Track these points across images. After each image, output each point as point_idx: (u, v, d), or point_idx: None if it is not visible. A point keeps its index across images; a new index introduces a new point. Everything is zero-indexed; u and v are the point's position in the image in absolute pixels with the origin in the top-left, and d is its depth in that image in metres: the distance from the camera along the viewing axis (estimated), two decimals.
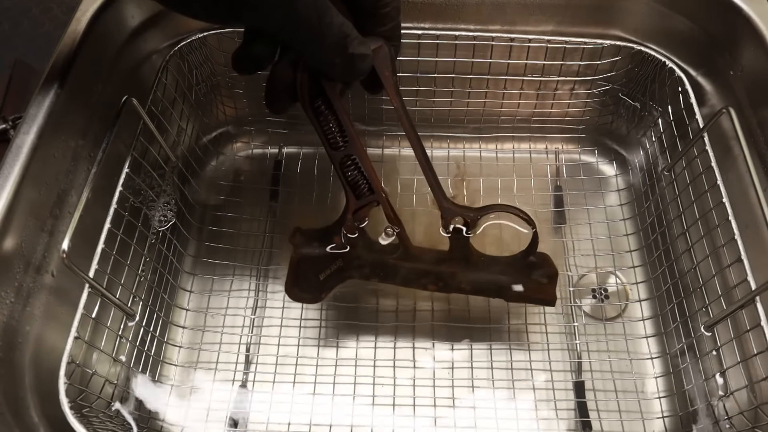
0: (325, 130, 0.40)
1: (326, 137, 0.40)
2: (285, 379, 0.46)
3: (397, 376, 0.46)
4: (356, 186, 0.42)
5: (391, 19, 0.36)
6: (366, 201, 0.42)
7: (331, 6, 0.32)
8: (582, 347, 0.48)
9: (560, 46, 0.50)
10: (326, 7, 0.31)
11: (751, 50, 0.45)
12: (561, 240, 0.53)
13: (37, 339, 0.39)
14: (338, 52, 0.33)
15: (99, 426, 0.38)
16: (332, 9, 0.32)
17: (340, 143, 0.40)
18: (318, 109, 0.39)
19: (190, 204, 0.53)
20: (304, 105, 0.38)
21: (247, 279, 0.51)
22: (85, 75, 0.44)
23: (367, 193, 0.42)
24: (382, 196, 0.42)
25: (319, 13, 0.31)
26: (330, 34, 0.32)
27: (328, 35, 0.32)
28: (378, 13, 0.35)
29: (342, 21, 0.32)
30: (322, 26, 0.31)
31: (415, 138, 0.42)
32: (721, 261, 0.44)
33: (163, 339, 0.47)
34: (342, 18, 0.32)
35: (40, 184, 0.40)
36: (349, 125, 0.40)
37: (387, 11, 0.35)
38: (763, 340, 0.38)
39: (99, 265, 0.39)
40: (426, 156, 0.42)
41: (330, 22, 0.32)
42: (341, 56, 0.33)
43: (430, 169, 0.42)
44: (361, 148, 0.41)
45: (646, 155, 0.54)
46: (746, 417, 0.40)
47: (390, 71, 0.38)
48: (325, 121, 0.40)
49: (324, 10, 0.31)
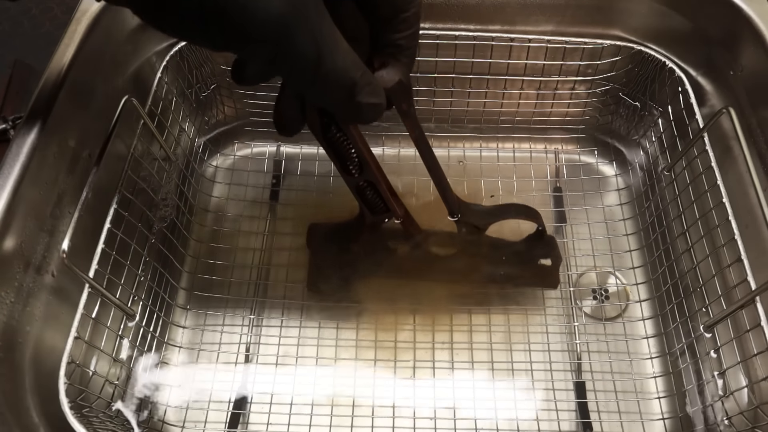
0: (340, 157, 0.37)
1: (341, 165, 0.37)
2: (285, 380, 0.46)
3: (397, 375, 0.46)
4: (373, 206, 0.40)
5: (410, 25, 0.32)
6: (383, 218, 0.41)
7: (338, 40, 0.27)
8: (582, 347, 0.48)
9: (560, 46, 0.50)
10: (330, 43, 0.26)
11: (751, 50, 0.45)
12: (561, 240, 0.53)
13: (37, 339, 0.39)
14: (344, 101, 0.29)
15: (99, 426, 0.38)
16: (338, 45, 0.27)
17: (355, 170, 0.38)
18: (331, 138, 0.35)
19: (190, 204, 0.53)
20: (316, 135, 0.35)
21: (247, 279, 0.51)
22: (85, 75, 0.44)
23: (384, 210, 0.41)
24: (401, 219, 0.41)
25: (321, 51, 0.26)
26: (334, 80, 0.27)
27: (332, 81, 0.27)
28: (397, 19, 0.31)
29: (348, 64, 0.27)
30: (323, 69, 0.26)
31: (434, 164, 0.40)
32: (721, 261, 0.44)
33: (163, 339, 0.47)
34: (348, 58, 0.27)
35: (40, 184, 0.40)
36: (365, 151, 0.37)
37: (406, 17, 0.31)
38: (763, 340, 0.38)
39: (99, 265, 0.39)
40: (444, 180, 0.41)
41: (334, 66, 0.27)
42: (347, 105, 0.29)
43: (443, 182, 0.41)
44: (378, 173, 0.38)
45: (646, 155, 0.54)
46: (746, 417, 0.39)
47: (408, 104, 0.35)
48: (340, 148, 0.36)
49: (327, 48, 0.26)
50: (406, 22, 0.31)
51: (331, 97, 0.29)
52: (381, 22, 0.31)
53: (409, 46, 0.33)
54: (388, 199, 0.40)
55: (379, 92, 0.30)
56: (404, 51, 0.33)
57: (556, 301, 0.49)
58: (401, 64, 0.33)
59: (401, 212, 0.41)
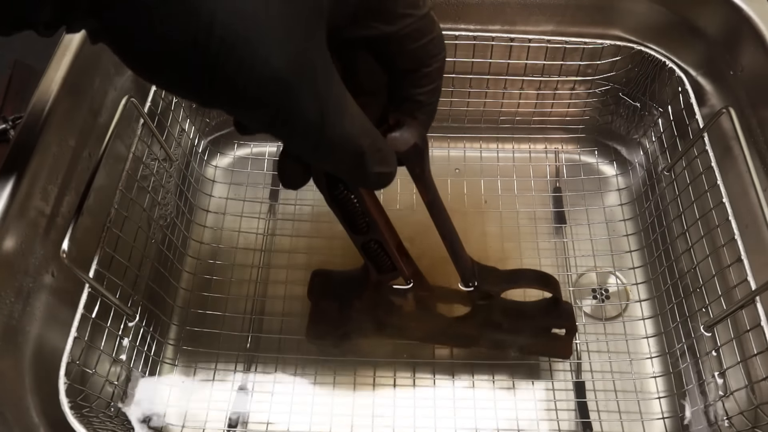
0: (347, 215, 0.34)
1: (348, 223, 0.35)
2: (285, 379, 0.46)
3: (397, 375, 0.46)
4: (380, 264, 0.38)
5: (431, 80, 0.28)
6: (389, 277, 0.39)
7: (346, 103, 0.24)
8: (582, 347, 0.48)
9: (560, 46, 0.50)
10: (337, 108, 0.23)
11: (751, 50, 0.45)
12: (561, 240, 0.53)
13: (37, 339, 0.39)
14: (350, 169, 0.26)
15: (99, 426, 0.38)
16: (346, 110, 0.24)
17: (363, 227, 0.35)
18: (338, 195, 0.33)
19: (190, 204, 0.53)
20: (321, 191, 0.33)
21: (247, 278, 0.51)
22: (85, 75, 0.44)
23: (391, 269, 0.38)
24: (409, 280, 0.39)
25: (326, 117, 0.22)
26: (339, 149, 0.24)
27: (338, 149, 0.24)
28: (418, 73, 0.28)
29: (356, 130, 0.24)
30: (327, 136, 0.23)
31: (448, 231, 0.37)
32: (721, 261, 0.44)
33: (163, 339, 0.47)
34: (357, 124, 0.24)
35: (40, 184, 0.40)
36: (374, 211, 0.34)
37: (428, 71, 0.28)
38: (763, 340, 0.38)
39: (99, 265, 0.39)
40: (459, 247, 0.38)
41: (341, 133, 0.23)
42: (354, 173, 0.26)
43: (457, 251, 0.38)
44: (386, 232, 0.36)
45: (646, 155, 0.54)
46: (746, 417, 0.39)
47: (421, 168, 0.32)
48: (348, 206, 0.34)
49: (333, 113, 0.23)
50: (428, 77, 0.28)
51: (336, 165, 0.26)
52: (400, 75, 0.28)
53: (429, 103, 0.29)
54: (396, 260, 0.37)
55: (390, 160, 0.27)
56: (423, 107, 0.29)
57: None
58: (418, 122, 0.30)
59: (409, 273, 0.39)
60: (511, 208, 0.54)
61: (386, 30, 0.25)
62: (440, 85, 0.29)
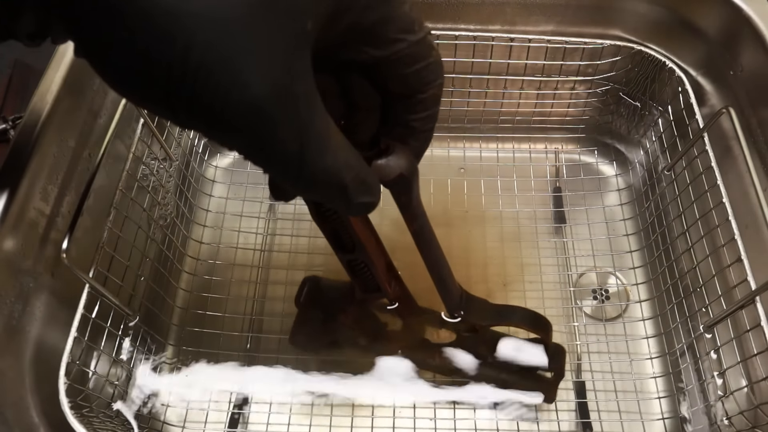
0: (332, 233, 0.34)
1: (333, 240, 0.34)
2: (285, 380, 0.46)
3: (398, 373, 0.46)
4: (365, 283, 0.37)
5: (426, 107, 0.27)
6: (374, 297, 0.37)
7: (329, 135, 0.22)
8: (582, 348, 0.48)
9: (560, 46, 0.50)
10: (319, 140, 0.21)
11: (751, 50, 0.45)
12: (561, 240, 0.53)
13: (37, 339, 0.39)
14: (333, 199, 0.24)
15: (99, 426, 0.38)
16: (329, 142, 0.22)
17: (349, 246, 0.34)
18: (325, 213, 0.32)
19: (190, 204, 0.53)
20: (309, 208, 0.32)
21: (247, 279, 0.51)
22: (85, 75, 0.44)
23: (376, 290, 0.37)
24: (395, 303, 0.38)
25: (305, 150, 0.21)
26: (320, 182, 0.22)
27: (318, 183, 0.22)
28: (413, 99, 0.27)
29: (339, 164, 0.22)
30: (306, 171, 0.21)
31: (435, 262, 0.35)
32: (721, 261, 0.44)
33: (163, 339, 0.47)
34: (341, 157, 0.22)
35: (40, 184, 0.40)
36: (360, 232, 0.33)
37: (423, 98, 0.27)
38: (763, 340, 0.38)
39: (99, 265, 0.39)
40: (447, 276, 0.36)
41: (322, 167, 0.22)
42: (337, 203, 0.24)
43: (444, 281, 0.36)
44: (373, 254, 0.34)
45: (647, 155, 0.54)
46: (746, 417, 0.39)
47: (408, 197, 0.30)
48: (334, 224, 0.33)
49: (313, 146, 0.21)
50: (423, 104, 0.27)
51: (317, 196, 0.25)
52: (394, 100, 0.27)
53: (423, 130, 0.28)
54: (381, 281, 0.36)
55: (375, 190, 0.25)
56: (417, 134, 0.28)
57: (556, 302, 0.49)
58: (410, 148, 0.28)
59: (395, 295, 0.38)
60: (511, 208, 0.54)
61: (376, 54, 0.24)
62: (436, 113, 0.28)
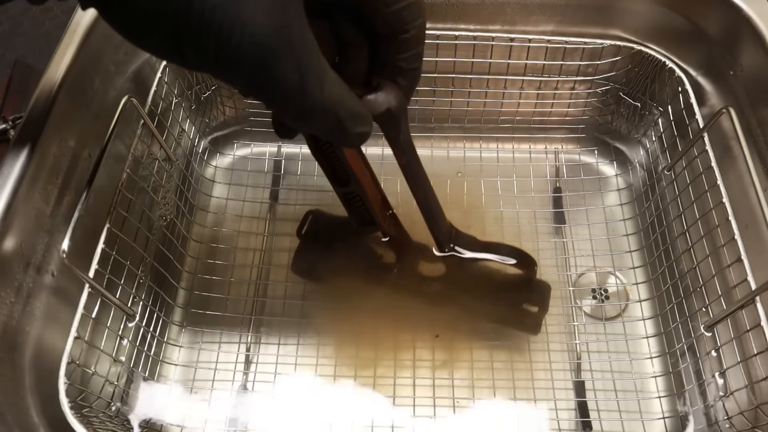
0: (329, 165, 0.36)
1: (330, 173, 0.36)
2: (286, 380, 0.46)
3: (397, 375, 0.46)
4: (360, 217, 0.39)
5: (409, 47, 0.30)
6: (368, 230, 0.40)
7: (325, 70, 0.25)
8: (582, 347, 0.48)
9: (560, 46, 0.50)
10: (316, 74, 0.24)
11: (751, 50, 0.45)
12: (561, 240, 0.53)
13: (37, 339, 0.39)
14: (329, 132, 0.27)
15: (99, 426, 0.38)
16: (325, 76, 0.25)
17: (344, 179, 0.36)
18: (321, 147, 0.35)
19: (190, 204, 0.53)
20: (307, 143, 0.35)
21: (247, 279, 0.51)
22: (85, 75, 0.44)
23: (371, 223, 0.39)
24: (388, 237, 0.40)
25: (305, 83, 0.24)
26: (319, 114, 0.25)
27: (317, 115, 0.25)
28: (396, 39, 0.29)
29: (334, 97, 0.25)
30: (307, 103, 0.24)
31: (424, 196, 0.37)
32: (721, 261, 0.44)
33: (163, 339, 0.47)
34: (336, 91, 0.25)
35: (40, 184, 0.40)
36: (354, 165, 0.35)
37: (406, 38, 0.29)
38: (763, 340, 0.38)
39: (99, 265, 0.39)
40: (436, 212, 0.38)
41: (320, 99, 0.25)
42: (331, 133, 0.28)
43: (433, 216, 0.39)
44: (367, 188, 0.36)
45: (647, 155, 0.54)
46: (746, 417, 0.40)
47: (396, 131, 0.32)
48: (330, 158, 0.35)
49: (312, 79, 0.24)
50: (406, 44, 0.29)
51: (314, 130, 0.28)
52: (380, 40, 0.30)
53: (409, 69, 0.30)
54: (375, 214, 0.38)
55: (367, 120, 0.28)
56: (404, 73, 0.31)
57: (555, 301, 0.49)
58: (399, 87, 0.31)
59: (389, 229, 0.40)
60: (511, 208, 0.54)
61: None
62: (421, 52, 0.30)
